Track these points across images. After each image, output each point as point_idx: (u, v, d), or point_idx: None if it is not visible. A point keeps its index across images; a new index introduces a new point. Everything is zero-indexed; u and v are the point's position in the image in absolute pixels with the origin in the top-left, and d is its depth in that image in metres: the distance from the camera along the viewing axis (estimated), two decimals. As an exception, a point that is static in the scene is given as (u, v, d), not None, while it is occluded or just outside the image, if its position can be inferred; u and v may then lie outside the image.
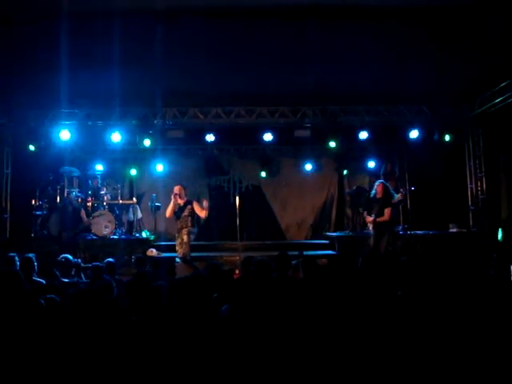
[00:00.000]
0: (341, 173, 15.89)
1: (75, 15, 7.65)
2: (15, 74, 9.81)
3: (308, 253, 11.35)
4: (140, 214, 14.37)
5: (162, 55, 8.64)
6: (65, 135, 11.84)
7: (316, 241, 14.73)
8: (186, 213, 10.36)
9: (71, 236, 10.98)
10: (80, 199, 13.30)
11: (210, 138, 12.48)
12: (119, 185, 14.27)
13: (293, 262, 7.01)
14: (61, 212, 11.39)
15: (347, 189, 15.58)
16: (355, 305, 4.56)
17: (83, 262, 9.65)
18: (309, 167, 15.03)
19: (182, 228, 10.41)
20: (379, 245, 10.48)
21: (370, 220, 10.65)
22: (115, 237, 12.87)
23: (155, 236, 13.85)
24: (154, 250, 12.37)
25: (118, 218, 13.59)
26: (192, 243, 10.84)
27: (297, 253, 9.84)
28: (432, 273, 5.99)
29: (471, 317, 4.17)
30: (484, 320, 4.14)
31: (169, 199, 10.87)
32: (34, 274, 6.88)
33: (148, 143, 12.37)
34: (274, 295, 4.83)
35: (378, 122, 12.38)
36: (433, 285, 4.77)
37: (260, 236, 14.98)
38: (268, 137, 12.35)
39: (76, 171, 13.72)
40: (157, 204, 13.74)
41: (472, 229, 13.27)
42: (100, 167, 14.22)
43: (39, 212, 12.80)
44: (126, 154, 14.30)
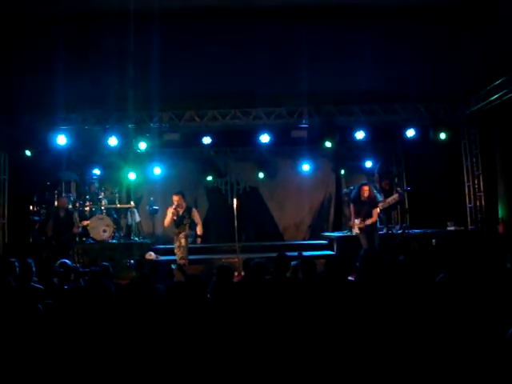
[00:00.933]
0: (338, 173, 15.89)
1: (71, 19, 7.66)
2: (11, 79, 9.81)
3: (306, 253, 11.34)
4: (138, 218, 14.35)
5: (158, 58, 8.64)
6: (61, 140, 11.82)
7: (314, 241, 14.73)
8: (185, 221, 10.45)
9: (64, 240, 10.95)
10: (77, 204, 13.31)
11: (207, 141, 12.47)
12: (117, 189, 14.25)
13: (292, 263, 7.03)
14: (53, 217, 11.33)
15: (344, 189, 15.58)
16: (354, 305, 4.56)
17: (82, 267, 9.65)
18: (306, 168, 15.02)
19: (180, 233, 10.47)
20: (374, 243, 10.54)
21: (360, 224, 10.73)
22: (114, 241, 12.87)
23: (153, 239, 13.86)
24: (153, 254, 12.35)
25: (116, 222, 13.59)
26: (190, 246, 10.87)
27: (296, 254, 9.87)
28: (429, 271, 5.99)
29: (472, 314, 4.18)
30: (487, 318, 4.14)
31: (166, 202, 10.91)
32: (33, 279, 6.89)
33: (144, 146, 12.34)
34: (273, 296, 4.83)
35: (375, 122, 12.38)
36: (429, 283, 4.77)
37: (258, 237, 15.00)
38: (264, 138, 12.33)
39: (73, 176, 13.71)
40: (155, 207, 13.74)
41: (470, 227, 13.29)
42: (97, 171, 14.21)
43: (37, 217, 12.78)
44: (123, 158, 14.29)
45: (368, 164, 14.92)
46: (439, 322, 4.09)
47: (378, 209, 11.21)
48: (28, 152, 12.48)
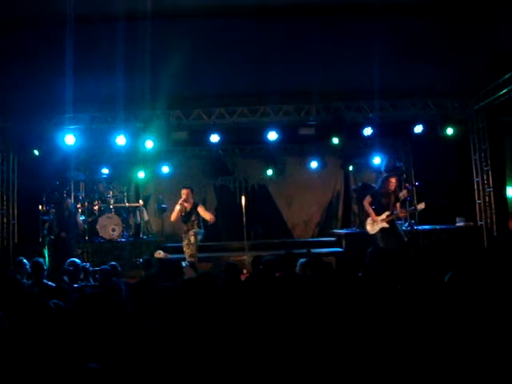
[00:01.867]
0: (346, 169, 15.85)
1: (79, 19, 7.67)
2: (19, 79, 9.84)
3: (315, 250, 11.34)
4: (147, 217, 14.40)
5: (165, 57, 8.66)
6: (70, 140, 11.85)
7: (323, 238, 14.72)
8: (193, 217, 10.44)
9: (70, 239, 11.05)
10: (86, 203, 13.38)
11: (215, 139, 12.47)
12: (125, 187, 14.31)
13: (301, 261, 7.03)
14: (57, 216, 11.44)
15: (353, 185, 15.56)
16: (362, 302, 4.55)
17: (91, 266, 9.71)
18: (314, 165, 14.99)
19: (189, 230, 10.47)
20: (403, 238, 10.05)
21: (389, 217, 10.19)
22: (122, 240, 12.92)
23: (161, 238, 13.90)
24: (162, 252, 12.37)
25: (125, 221, 13.63)
26: (199, 244, 10.88)
27: (305, 251, 9.85)
28: (438, 267, 5.98)
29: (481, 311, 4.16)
30: (496, 315, 4.12)
31: (175, 201, 10.92)
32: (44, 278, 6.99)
33: (150, 145, 12.36)
34: (283, 293, 4.83)
35: (382, 118, 12.34)
36: (439, 280, 4.76)
37: (267, 235, 15.00)
38: (272, 135, 12.31)
39: (82, 175, 13.77)
40: (163, 206, 13.78)
41: (479, 222, 13.23)
42: (105, 170, 14.26)
43: (46, 217, 12.84)
44: (131, 157, 14.33)
45: (376, 160, 14.87)
46: (449, 319, 4.08)
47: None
48: (36, 152, 12.54)
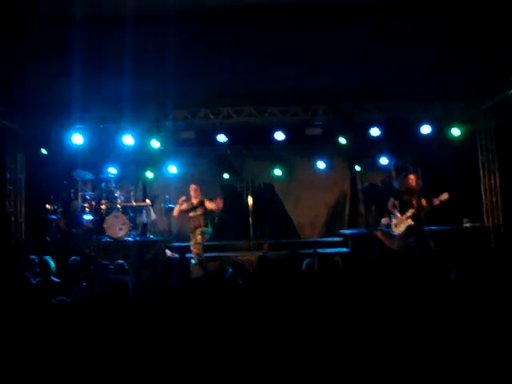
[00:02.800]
0: (353, 170, 15.82)
1: (88, 20, 7.72)
2: (27, 79, 9.90)
3: (322, 250, 11.33)
4: (154, 216, 14.42)
5: (173, 57, 8.68)
6: (77, 139, 11.91)
7: (329, 238, 14.69)
8: (199, 212, 10.48)
9: (76, 237, 11.16)
10: (93, 202, 13.42)
11: (222, 139, 12.49)
12: (132, 187, 14.34)
13: (307, 261, 7.04)
14: (64, 215, 11.57)
15: (360, 186, 15.54)
16: (369, 301, 4.56)
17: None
18: (321, 165, 15.00)
19: (196, 228, 10.53)
20: (428, 238, 10.07)
21: (411, 216, 10.25)
22: (130, 239, 12.95)
23: (168, 237, 13.92)
24: (169, 251, 12.43)
25: (132, 220, 13.66)
26: (206, 243, 10.91)
27: (311, 251, 9.84)
28: (444, 269, 5.97)
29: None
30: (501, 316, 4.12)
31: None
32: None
33: (156, 145, 12.40)
34: (289, 291, 4.84)
35: (390, 119, 12.33)
36: (445, 280, 4.76)
37: (273, 235, 14.99)
38: (279, 136, 12.33)
39: (89, 174, 13.81)
40: (170, 205, 13.79)
41: (486, 223, 13.19)
42: (113, 170, 14.28)
43: (54, 216, 12.88)
44: (139, 157, 14.35)
45: (383, 161, 14.83)
46: (454, 319, 4.08)
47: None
48: (44, 151, 12.59)
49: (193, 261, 10.19)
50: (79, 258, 8.22)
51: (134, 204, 13.92)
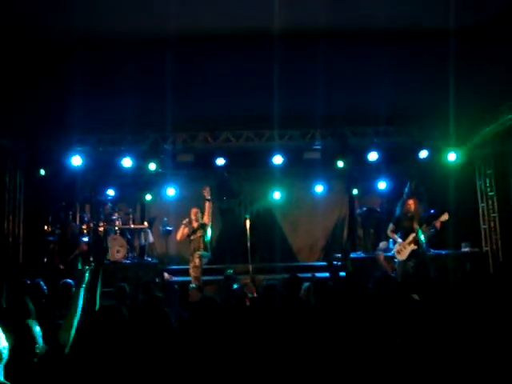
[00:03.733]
0: (351, 194, 15.84)
1: (87, 43, 7.79)
2: (27, 100, 9.95)
3: (320, 275, 11.31)
4: (151, 239, 14.40)
5: (172, 81, 8.75)
6: (76, 161, 11.94)
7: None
8: (199, 234, 10.54)
9: (69, 261, 11.17)
10: (91, 224, 13.40)
11: (220, 162, 12.54)
12: (131, 209, 14.34)
13: (306, 285, 7.02)
14: (59, 238, 11.60)
15: (358, 209, 15.54)
16: (363, 329, 4.54)
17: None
18: (319, 189, 15.03)
19: (195, 251, 10.56)
20: (429, 263, 10.18)
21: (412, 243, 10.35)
22: (127, 261, 12.91)
23: (165, 260, 13.89)
24: (167, 274, 12.39)
25: (130, 243, 13.64)
26: (204, 267, 10.90)
27: (309, 275, 9.83)
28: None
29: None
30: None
31: (180, 223, 11.00)
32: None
33: (153, 167, 12.43)
34: (286, 319, 4.82)
35: (388, 143, 12.38)
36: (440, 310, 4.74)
37: (272, 258, 14.94)
38: (278, 159, 12.37)
39: (88, 196, 13.81)
40: (168, 228, 13.77)
41: (485, 248, 13.18)
42: (111, 192, 14.29)
43: (51, 238, 12.85)
44: (137, 179, 14.37)
45: (381, 185, 14.87)
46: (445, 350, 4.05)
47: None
48: (42, 171, 12.59)
49: (191, 285, 10.17)
50: (70, 282, 8.16)
51: (132, 226, 13.91)
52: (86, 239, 12.90)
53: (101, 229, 13.51)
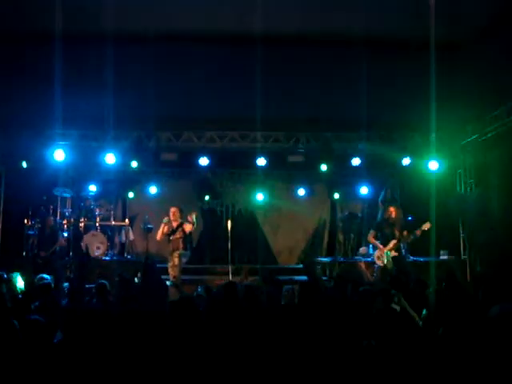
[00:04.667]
0: (333, 198, 15.89)
1: (69, 37, 7.75)
2: (8, 93, 9.87)
3: (299, 278, 11.33)
4: (132, 236, 14.34)
5: (156, 79, 8.73)
6: (59, 155, 11.82)
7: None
8: (178, 235, 10.47)
9: (47, 256, 11.12)
10: (72, 219, 13.31)
11: (204, 162, 12.52)
12: (112, 206, 14.27)
13: (286, 288, 7.05)
14: (38, 232, 11.56)
15: (339, 214, 15.60)
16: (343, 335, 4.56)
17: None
18: (301, 192, 15.07)
19: (174, 250, 10.52)
20: (409, 268, 10.32)
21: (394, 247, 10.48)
22: (107, 258, 12.85)
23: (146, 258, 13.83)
24: (145, 272, 12.33)
25: (111, 240, 13.57)
26: (184, 266, 10.88)
27: (288, 278, 9.85)
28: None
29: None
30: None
31: (161, 221, 10.96)
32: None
33: (135, 165, 12.37)
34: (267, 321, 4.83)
35: (371, 149, 12.45)
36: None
37: (251, 260, 14.95)
38: (261, 161, 12.39)
39: (69, 191, 13.72)
40: (149, 226, 13.72)
41: (463, 256, 13.30)
42: (93, 188, 14.20)
43: (31, 232, 12.76)
44: (120, 176, 14.30)
45: (363, 190, 14.94)
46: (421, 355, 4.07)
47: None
48: (24, 164, 12.45)
49: (168, 282, 10.14)
50: (47, 277, 8.11)
51: (113, 223, 13.85)
52: (66, 234, 12.83)
53: (81, 224, 13.44)
